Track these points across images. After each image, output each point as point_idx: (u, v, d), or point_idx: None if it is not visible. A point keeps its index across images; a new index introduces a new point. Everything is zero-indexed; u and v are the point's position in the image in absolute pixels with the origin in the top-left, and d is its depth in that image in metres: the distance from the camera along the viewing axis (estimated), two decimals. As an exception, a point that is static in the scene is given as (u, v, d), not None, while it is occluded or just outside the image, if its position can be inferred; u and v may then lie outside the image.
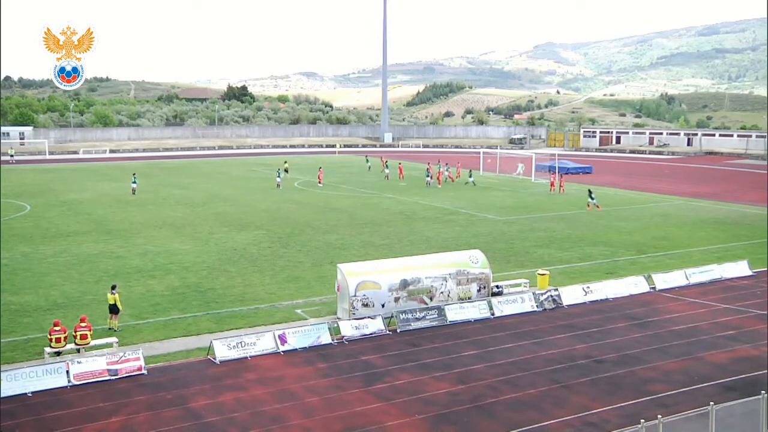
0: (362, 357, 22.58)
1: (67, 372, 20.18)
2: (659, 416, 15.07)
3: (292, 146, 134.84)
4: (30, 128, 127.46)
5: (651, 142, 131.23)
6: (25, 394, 19.35)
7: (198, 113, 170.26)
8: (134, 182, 62.24)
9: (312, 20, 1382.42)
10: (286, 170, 76.28)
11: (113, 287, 25.46)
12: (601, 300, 29.10)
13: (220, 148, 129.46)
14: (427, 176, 69.11)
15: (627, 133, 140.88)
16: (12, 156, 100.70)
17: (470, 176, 70.89)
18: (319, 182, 69.66)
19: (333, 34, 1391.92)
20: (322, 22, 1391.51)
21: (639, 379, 20.67)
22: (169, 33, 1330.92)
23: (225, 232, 43.48)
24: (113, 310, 24.85)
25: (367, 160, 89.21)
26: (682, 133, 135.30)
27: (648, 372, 21.26)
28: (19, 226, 45.71)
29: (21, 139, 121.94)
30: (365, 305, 25.96)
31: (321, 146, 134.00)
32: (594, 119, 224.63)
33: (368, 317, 25.21)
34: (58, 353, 21.76)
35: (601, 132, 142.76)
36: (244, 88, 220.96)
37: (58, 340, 21.85)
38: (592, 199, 53.55)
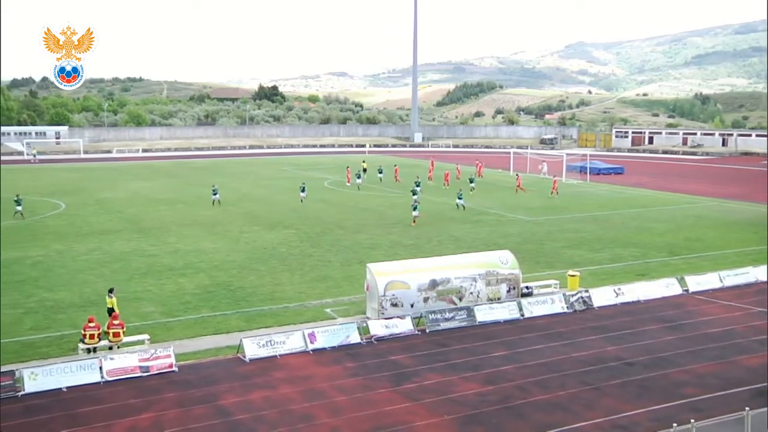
0: (391, 357, 22.56)
1: (100, 368, 20.47)
2: (692, 420, 14.84)
3: (322, 146, 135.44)
4: (65, 128, 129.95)
5: (684, 143, 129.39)
6: (60, 389, 19.69)
7: (229, 113, 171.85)
8: (215, 194, 55.60)
9: (342, 20, 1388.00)
10: (364, 170, 75.18)
11: (110, 291, 25.13)
12: (632, 302, 28.72)
13: (251, 147, 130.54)
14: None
15: (660, 133, 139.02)
16: (35, 156, 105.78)
17: (471, 182, 64.09)
18: (348, 182, 69.82)
19: (363, 34, 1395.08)
20: (352, 21, 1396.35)
21: (671, 383, 20.36)
22: (201, 34, 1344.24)
23: (255, 231, 43.78)
24: (111, 313, 23.93)
25: (380, 171, 75.90)
26: (716, 133, 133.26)
27: (680, 375, 20.93)
28: (53, 224, 46.55)
29: (57, 138, 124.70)
30: (394, 305, 25.95)
31: (351, 146, 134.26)
32: (626, 119, 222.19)
33: (397, 317, 25.18)
34: (93, 350, 22.07)
35: (633, 132, 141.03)
36: (274, 88, 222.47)
37: (92, 337, 22.16)
38: (460, 199, 52.53)
